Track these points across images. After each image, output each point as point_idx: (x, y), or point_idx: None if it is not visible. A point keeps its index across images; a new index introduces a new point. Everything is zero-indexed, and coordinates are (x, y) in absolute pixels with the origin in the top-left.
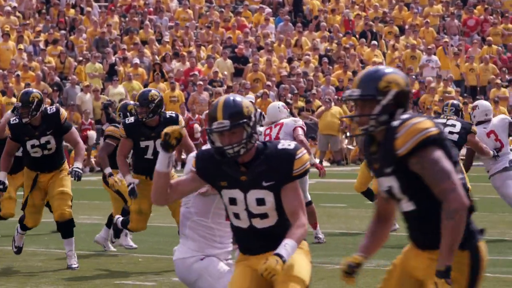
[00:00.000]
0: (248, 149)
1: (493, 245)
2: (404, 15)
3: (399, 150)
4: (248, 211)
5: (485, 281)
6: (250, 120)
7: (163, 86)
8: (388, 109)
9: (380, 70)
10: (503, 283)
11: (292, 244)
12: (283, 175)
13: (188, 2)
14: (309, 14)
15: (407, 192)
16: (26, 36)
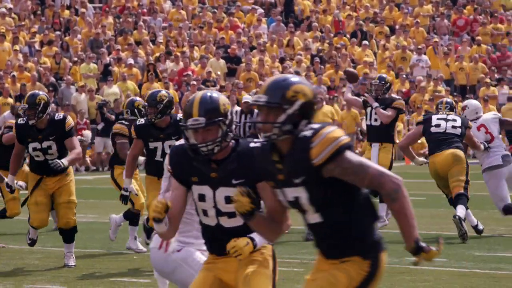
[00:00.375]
0: (223, 147)
1: (483, 241)
2: (394, 16)
3: (315, 160)
4: (217, 209)
5: (475, 277)
6: (226, 118)
7: (157, 86)
8: (293, 118)
9: (288, 79)
10: (492, 279)
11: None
12: (253, 173)
13: (182, 3)
14: (300, 14)
15: (315, 203)
16: (22, 37)
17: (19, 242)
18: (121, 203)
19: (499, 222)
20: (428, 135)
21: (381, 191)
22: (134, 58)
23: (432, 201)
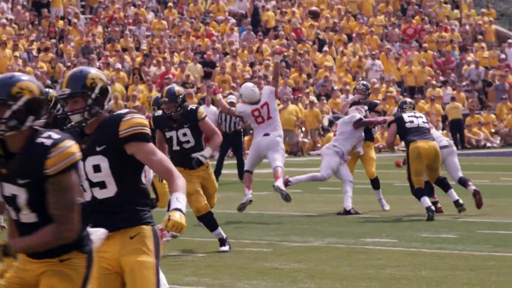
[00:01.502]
0: (86, 118)
1: (429, 224)
2: (351, 25)
3: (48, 170)
4: (89, 180)
5: (422, 255)
6: (92, 92)
7: (142, 87)
8: (18, 115)
9: (15, 76)
10: (437, 257)
11: (181, 196)
12: (111, 137)
13: (163, 14)
14: (265, 24)
15: (32, 206)
16: (21, 44)
17: None
18: None
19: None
20: (405, 131)
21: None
22: (121, 63)
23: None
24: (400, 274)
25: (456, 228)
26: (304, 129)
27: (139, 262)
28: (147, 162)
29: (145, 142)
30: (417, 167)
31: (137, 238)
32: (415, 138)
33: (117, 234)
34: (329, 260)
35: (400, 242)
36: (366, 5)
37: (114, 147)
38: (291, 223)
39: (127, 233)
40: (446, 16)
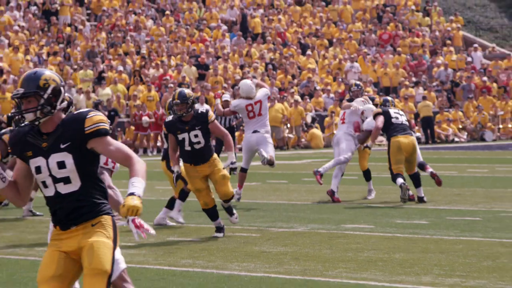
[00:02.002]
0: (38, 117)
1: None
2: (332, 31)
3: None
4: (52, 176)
5: (397, 240)
6: (44, 92)
7: (142, 88)
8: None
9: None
10: (410, 241)
11: (137, 180)
12: (76, 134)
13: (161, 21)
14: (252, 30)
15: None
16: (32, 49)
17: None
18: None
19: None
20: (390, 124)
21: None
22: (123, 65)
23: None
24: (376, 257)
25: (427, 215)
26: (289, 125)
27: (98, 241)
28: (106, 153)
29: (105, 136)
30: (397, 157)
31: (97, 225)
32: (398, 134)
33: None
34: (312, 244)
35: (376, 228)
36: (345, 13)
37: (79, 143)
38: (278, 211)
39: (89, 222)
40: (418, 23)
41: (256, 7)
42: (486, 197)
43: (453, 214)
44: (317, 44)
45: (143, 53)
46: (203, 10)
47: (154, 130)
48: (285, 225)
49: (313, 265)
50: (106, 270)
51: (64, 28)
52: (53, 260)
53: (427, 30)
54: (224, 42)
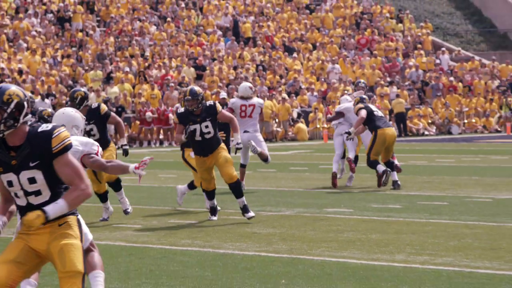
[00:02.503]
0: (2, 130)
1: (378, 196)
2: (315, 36)
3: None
4: (24, 190)
5: (373, 222)
6: (7, 107)
7: (146, 87)
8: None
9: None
10: (385, 223)
11: (62, 203)
12: (44, 153)
13: (163, 27)
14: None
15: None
16: (48, 52)
17: None
18: None
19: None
20: (373, 116)
21: None
22: (129, 67)
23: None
24: (355, 237)
25: (400, 200)
26: (278, 120)
27: (67, 244)
28: (60, 170)
29: (67, 153)
30: (379, 149)
31: (64, 226)
32: (382, 126)
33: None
34: (297, 226)
35: (355, 211)
36: (327, 20)
37: (47, 161)
38: (267, 196)
39: (55, 222)
40: (392, 29)
41: (247, 14)
42: (452, 184)
43: (423, 199)
44: (302, 48)
45: (147, 55)
46: (200, 17)
47: (157, 125)
48: (273, 209)
49: (299, 245)
50: (79, 270)
51: (77, 33)
52: (17, 248)
53: (400, 35)
54: (219, 46)
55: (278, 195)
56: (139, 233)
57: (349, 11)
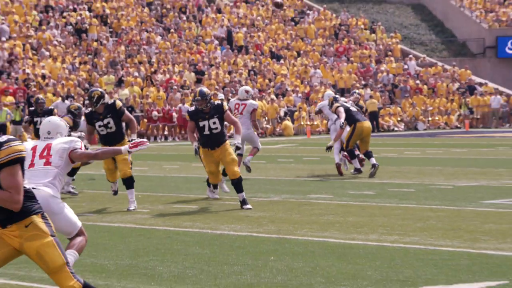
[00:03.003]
0: None
1: (355, 184)
2: (299, 45)
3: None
4: None
5: (350, 207)
6: None
7: (153, 89)
8: None
9: None
10: (360, 208)
11: None
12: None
13: (167, 37)
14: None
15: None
16: (67, 59)
17: None
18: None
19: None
20: (350, 112)
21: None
22: (138, 72)
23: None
24: (334, 220)
25: (374, 187)
26: (267, 118)
27: (40, 245)
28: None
29: (13, 166)
30: (356, 139)
31: (31, 227)
32: (360, 119)
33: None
34: (284, 210)
35: (334, 197)
36: (309, 31)
37: None
38: (258, 184)
39: (22, 223)
40: (366, 39)
41: (240, 26)
42: (418, 173)
43: (393, 187)
44: (288, 55)
45: (153, 62)
46: (199, 29)
47: (162, 122)
48: (263, 196)
49: (286, 226)
50: (62, 264)
51: (92, 43)
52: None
53: (373, 44)
54: (216, 54)
55: (268, 183)
56: (147, 216)
57: (329, 23)
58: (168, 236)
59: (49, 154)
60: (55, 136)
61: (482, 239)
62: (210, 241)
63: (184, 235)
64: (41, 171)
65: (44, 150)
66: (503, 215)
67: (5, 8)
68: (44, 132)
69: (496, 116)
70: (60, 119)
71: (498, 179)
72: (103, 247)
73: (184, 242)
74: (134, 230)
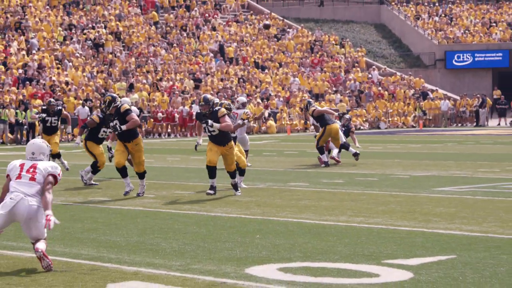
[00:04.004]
0: None
1: (326, 174)
2: (281, 57)
3: None
4: None
5: (323, 193)
6: None
7: (158, 94)
8: None
9: None
10: (332, 194)
11: None
12: None
13: (170, 50)
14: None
15: None
16: (87, 69)
17: None
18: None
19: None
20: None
21: None
22: (146, 79)
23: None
24: (310, 204)
25: (343, 177)
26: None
27: None
28: None
29: None
30: (325, 139)
31: None
32: (330, 123)
33: None
34: (268, 196)
35: (310, 185)
36: (289, 45)
37: None
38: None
39: None
40: (337, 52)
41: (231, 41)
42: (381, 165)
43: (360, 176)
44: (271, 66)
45: (159, 71)
46: (197, 44)
47: (166, 122)
48: (250, 183)
49: (269, 210)
50: None
51: (107, 55)
52: None
53: (342, 57)
54: (211, 64)
55: (254, 173)
56: (153, 200)
57: (306, 39)
58: (170, 218)
59: (35, 171)
60: (39, 157)
61: (434, 220)
62: (205, 222)
63: (183, 217)
64: (27, 183)
65: (31, 168)
66: (451, 200)
67: (35, 26)
68: (29, 153)
69: (445, 117)
70: (43, 141)
71: (447, 170)
72: (115, 227)
73: (184, 222)
74: (141, 212)
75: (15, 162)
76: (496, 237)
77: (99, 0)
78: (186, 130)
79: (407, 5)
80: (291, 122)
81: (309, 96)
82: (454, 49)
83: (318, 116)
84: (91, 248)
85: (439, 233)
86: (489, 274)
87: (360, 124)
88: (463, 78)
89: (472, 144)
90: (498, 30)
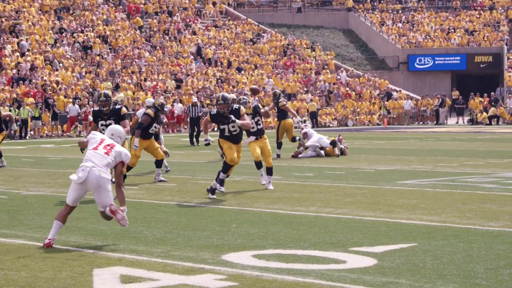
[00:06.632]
0: None
1: (298, 168)
2: (256, 59)
3: None
4: None
5: (295, 185)
6: None
7: (142, 93)
8: None
9: None
10: (303, 186)
11: None
12: None
13: (154, 53)
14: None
15: None
16: (76, 69)
17: None
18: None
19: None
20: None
21: None
22: (131, 79)
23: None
24: (283, 195)
25: (313, 170)
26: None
27: None
28: None
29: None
30: (282, 132)
31: None
32: (284, 118)
33: None
34: (244, 188)
35: (282, 178)
36: (264, 49)
37: None
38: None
39: None
40: (308, 56)
41: (210, 44)
42: (348, 160)
43: (328, 170)
44: (248, 67)
45: (143, 72)
46: (179, 47)
47: None
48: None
49: (245, 200)
50: None
51: (95, 57)
52: None
53: (313, 59)
54: (191, 66)
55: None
56: (137, 192)
57: (279, 43)
58: (152, 208)
59: (111, 150)
60: (116, 139)
61: (396, 211)
62: (185, 212)
63: (165, 207)
64: (101, 156)
65: (108, 146)
66: (413, 192)
67: (28, 30)
68: (109, 133)
69: (407, 116)
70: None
71: (410, 164)
72: None
73: (165, 212)
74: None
75: (97, 135)
76: (454, 227)
77: (88, 6)
78: (168, 126)
79: (372, 12)
80: (265, 119)
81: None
82: (416, 53)
83: (282, 110)
84: (79, 236)
85: (402, 222)
86: (447, 261)
87: (329, 122)
88: (424, 79)
89: (433, 140)
90: (457, 36)
